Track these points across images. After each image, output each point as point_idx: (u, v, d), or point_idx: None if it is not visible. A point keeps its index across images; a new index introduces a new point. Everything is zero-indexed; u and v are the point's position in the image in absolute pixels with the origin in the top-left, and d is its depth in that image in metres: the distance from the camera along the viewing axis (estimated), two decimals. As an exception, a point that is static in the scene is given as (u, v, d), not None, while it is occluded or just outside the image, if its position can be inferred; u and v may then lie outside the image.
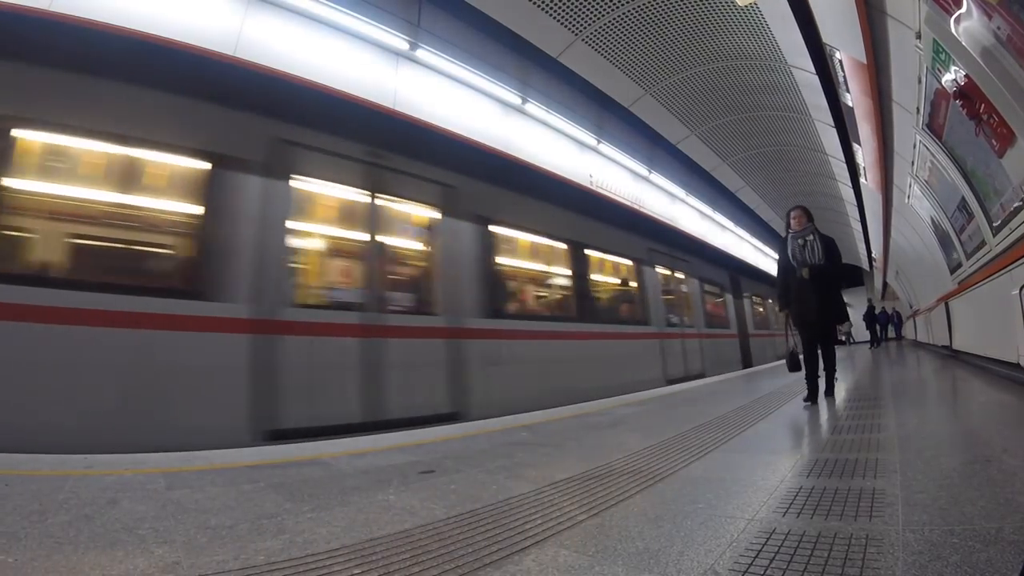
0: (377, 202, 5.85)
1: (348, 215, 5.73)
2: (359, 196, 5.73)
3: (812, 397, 5.04)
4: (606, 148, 9.65)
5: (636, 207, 10.61)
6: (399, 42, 5.93)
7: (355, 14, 5.52)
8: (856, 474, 2.43)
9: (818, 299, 4.94)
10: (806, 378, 5.14)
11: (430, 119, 6.21)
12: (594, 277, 9.12)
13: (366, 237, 5.71)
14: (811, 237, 5.08)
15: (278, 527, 1.99)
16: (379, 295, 5.66)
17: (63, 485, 2.42)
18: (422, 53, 6.16)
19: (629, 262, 10.10)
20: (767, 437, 3.70)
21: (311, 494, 2.48)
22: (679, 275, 12.21)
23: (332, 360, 5.17)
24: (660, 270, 11.09)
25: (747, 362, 15.51)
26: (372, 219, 5.79)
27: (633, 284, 10.21)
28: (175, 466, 2.99)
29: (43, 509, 2.08)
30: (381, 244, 5.85)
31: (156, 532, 1.90)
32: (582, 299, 8.62)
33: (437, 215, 6.42)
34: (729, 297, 15.41)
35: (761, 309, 19.75)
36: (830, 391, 5.25)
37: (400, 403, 5.48)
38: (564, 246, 8.52)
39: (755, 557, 1.60)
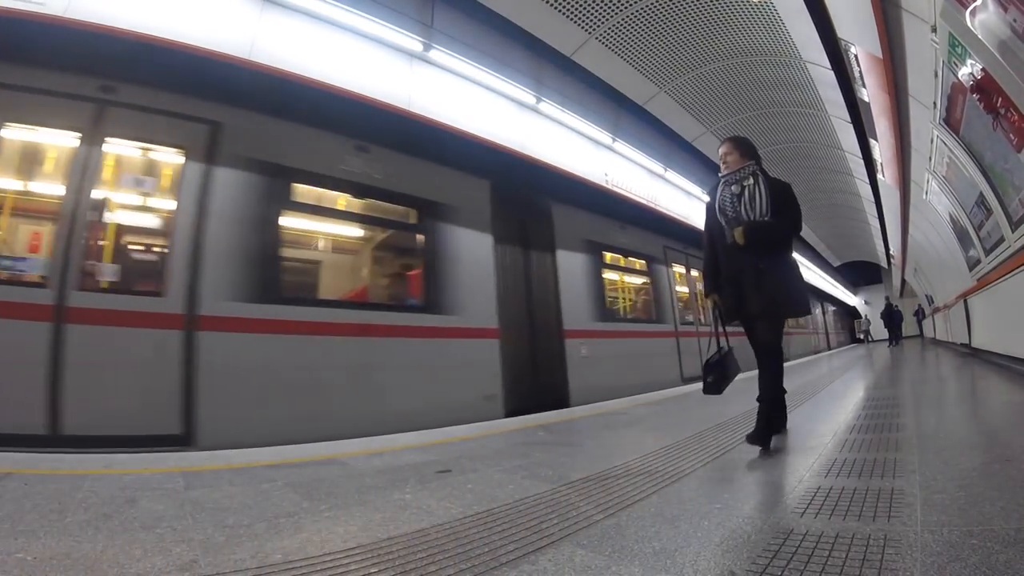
0: None
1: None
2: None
3: (761, 438, 3.11)
4: (622, 146, 9.49)
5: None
6: (413, 43, 5.91)
7: (368, 16, 5.49)
8: (875, 474, 2.40)
9: (758, 276, 3.10)
10: (759, 400, 3.20)
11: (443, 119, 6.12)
12: None
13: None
14: (750, 181, 3.19)
15: (295, 526, 2.01)
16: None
17: (82, 484, 2.46)
18: (435, 54, 6.15)
19: None
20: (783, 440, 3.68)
21: (328, 493, 2.50)
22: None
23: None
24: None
25: (553, 398, 6.90)
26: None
27: None
28: (193, 465, 3.03)
29: (62, 508, 2.12)
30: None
31: (174, 531, 1.93)
32: None
33: None
34: (481, 241, 6.66)
35: (646, 280, 10.65)
36: (779, 426, 3.48)
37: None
38: None
39: (772, 558, 1.59)
